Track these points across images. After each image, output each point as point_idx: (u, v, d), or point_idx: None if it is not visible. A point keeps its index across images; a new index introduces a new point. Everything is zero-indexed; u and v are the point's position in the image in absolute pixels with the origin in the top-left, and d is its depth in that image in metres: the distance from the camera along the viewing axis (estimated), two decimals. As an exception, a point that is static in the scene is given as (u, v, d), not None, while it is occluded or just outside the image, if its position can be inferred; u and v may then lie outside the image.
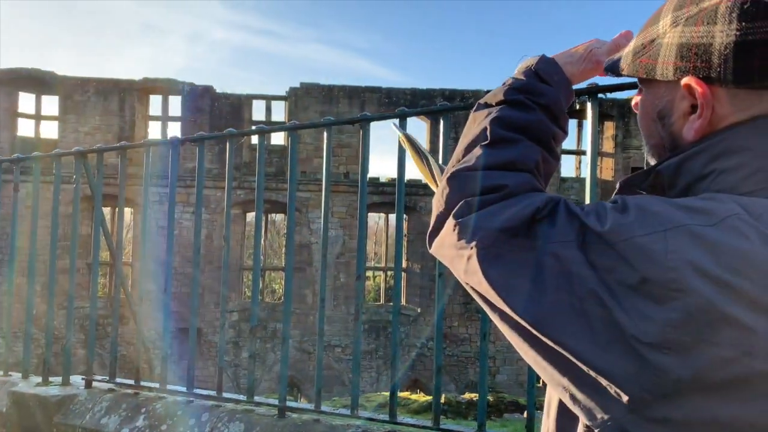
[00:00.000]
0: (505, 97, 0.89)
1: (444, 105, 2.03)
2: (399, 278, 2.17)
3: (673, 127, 0.76)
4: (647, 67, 0.76)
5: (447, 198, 0.80)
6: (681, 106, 0.74)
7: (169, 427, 2.37)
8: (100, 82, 16.31)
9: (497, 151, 0.81)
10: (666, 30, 0.73)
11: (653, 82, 0.78)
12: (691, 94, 0.72)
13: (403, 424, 2.10)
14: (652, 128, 0.81)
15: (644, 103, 0.81)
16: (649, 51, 0.76)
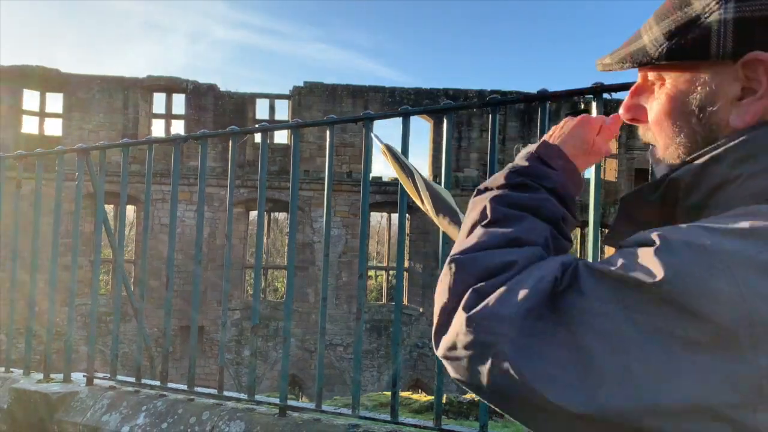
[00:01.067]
0: (507, 180, 0.81)
1: (448, 104, 2.02)
2: (401, 278, 2.16)
3: (715, 116, 0.69)
4: (696, 46, 0.67)
5: (451, 288, 0.70)
6: (730, 91, 0.67)
7: (170, 425, 2.36)
8: (104, 79, 16.33)
9: (500, 229, 0.73)
10: (711, 8, 0.66)
11: (687, 69, 0.70)
12: (748, 74, 0.66)
13: (405, 424, 2.09)
14: (681, 123, 0.72)
15: (671, 97, 0.72)
16: (692, 31, 0.67)
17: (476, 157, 16.78)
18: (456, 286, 0.69)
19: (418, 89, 17.09)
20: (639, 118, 0.79)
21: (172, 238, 2.63)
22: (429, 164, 17.32)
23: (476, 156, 16.78)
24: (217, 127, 16.42)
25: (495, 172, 1.98)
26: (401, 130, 2.07)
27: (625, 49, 0.75)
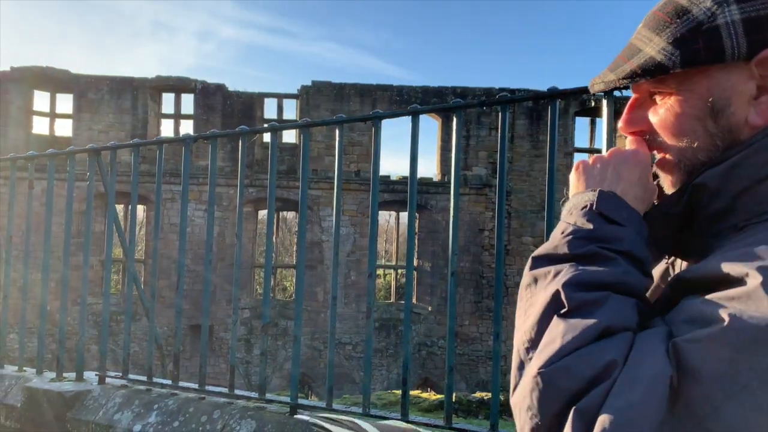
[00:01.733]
0: (572, 250, 0.69)
1: (457, 102, 2.01)
2: (410, 277, 2.16)
3: (733, 118, 0.68)
4: (710, 51, 0.67)
5: (542, 407, 0.59)
6: (746, 90, 0.68)
7: (181, 423, 2.38)
8: (113, 80, 16.42)
9: (583, 320, 0.62)
10: (713, 12, 0.67)
11: (697, 75, 0.69)
12: (761, 73, 0.67)
13: (416, 423, 2.09)
14: (696, 128, 0.71)
15: (681, 103, 0.71)
16: (700, 37, 0.67)
17: (485, 156, 16.73)
18: (549, 405, 0.58)
19: (426, 88, 17.06)
20: (643, 130, 0.78)
21: (182, 238, 2.64)
22: (438, 163, 17.29)
23: (485, 154, 16.73)
24: (225, 127, 16.48)
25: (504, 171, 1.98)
26: (410, 129, 2.06)
27: (630, 63, 0.74)
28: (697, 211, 0.71)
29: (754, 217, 0.66)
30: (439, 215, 16.38)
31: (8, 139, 15.86)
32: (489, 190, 16.64)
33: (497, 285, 1.97)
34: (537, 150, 16.66)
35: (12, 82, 16.01)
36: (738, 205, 0.67)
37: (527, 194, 16.62)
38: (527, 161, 16.62)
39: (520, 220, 16.47)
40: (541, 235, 16.52)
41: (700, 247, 0.71)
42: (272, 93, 17.49)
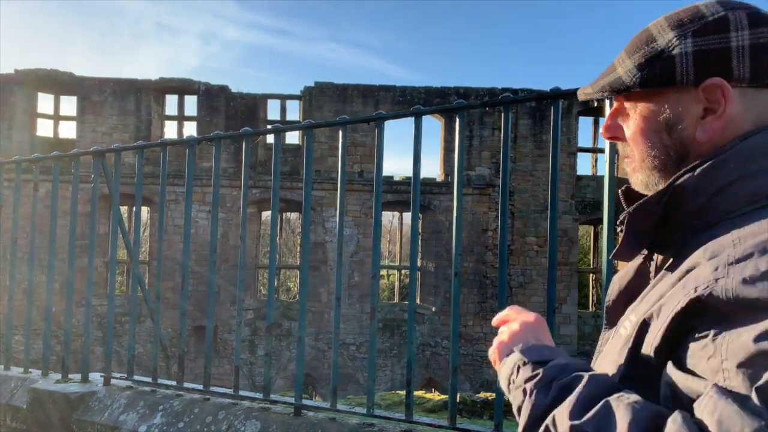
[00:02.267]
0: (547, 400, 0.77)
1: (460, 103, 2.01)
2: (414, 277, 2.16)
3: (684, 132, 0.81)
4: (663, 75, 0.81)
5: None
6: (694, 111, 0.80)
7: (186, 424, 2.39)
8: (117, 82, 16.47)
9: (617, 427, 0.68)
10: (673, 43, 0.80)
11: (656, 95, 0.83)
12: (709, 96, 0.79)
13: (420, 423, 2.09)
14: (654, 139, 0.84)
15: (644, 118, 0.85)
16: (659, 63, 0.81)
17: (488, 155, 16.72)
18: None
19: (429, 88, 17.06)
20: (618, 136, 0.92)
21: (186, 240, 2.65)
22: (441, 163, 17.29)
23: (488, 154, 16.72)
24: (228, 129, 16.51)
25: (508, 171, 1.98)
26: (413, 130, 2.07)
27: (603, 80, 0.87)
28: (674, 210, 0.80)
29: (725, 214, 0.76)
30: (442, 215, 16.38)
31: (12, 141, 15.93)
32: (492, 190, 16.62)
33: (501, 285, 1.97)
34: (540, 150, 16.63)
35: (16, 85, 16.07)
36: (712, 204, 0.78)
37: (530, 194, 16.59)
38: (530, 161, 16.60)
39: (523, 220, 16.45)
40: (544, 235, 16.50)
41: (676, 241, 0.82)
42: (275, 94, 17.52)
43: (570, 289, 16.56)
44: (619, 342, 0.84)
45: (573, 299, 16.69)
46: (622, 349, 0.81)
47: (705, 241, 0.75)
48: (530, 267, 16.48)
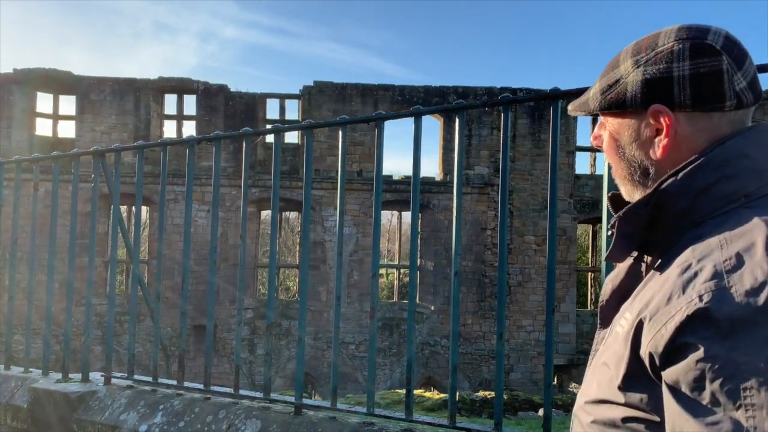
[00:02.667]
0: None
1: (459, 103, 2.02)
2: (414, 277, 2.17)
3: (641, 149, 0.92)
4: (618, 101, 0.92)
5: None
6: (646, 132, 0.90)
7: (187, 423, 2.39)
8: (116, 81, 16.46)
9: None
10: (629, 71, 0.90)
11: (618, 116, 0.93)
12: (655, 120, 0.88)
13: (419, 422, 2.10)
14: (619, 153, 0.95)
15: (611, 135, 0.96)
16: (616, 89, 0.91)
17: (487, 155, 16.72)
18: None
19: (428, 87, 17.06)
20: (600, 146, 1.01)
21: (187, 240, 2.66)
22: (440, 162, 17.29)
23: (487, 153, 16.72)
24: (227, 128, 16.50)
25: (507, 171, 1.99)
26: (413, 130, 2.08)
27: (578, 100, 1.00)
28: (661, 211, 0.86)
29: (709, 213, 0.83)
30: (441, 214, 16.38)
31: (12, 140, 15.92)
32: (491, 189, 16.63)
33: (500, 285, 1.98)
34: (539, 149, 16.65)
35: (15, 84, 16.06)
36: (695, 205, 0.84)
37: (529, 193, 16.61)
38: (529, 160, 16.61)
39: (522, 218, 16.46)
40: (542, 234, 16.51)
41: (663, 240, 0.88)
42: (274, 93, 17.51)
43: (568, 288, 16.58)
44: (616, 340, 0.86)
45: (572, 298, 16.70)
46: (622, 348, 0.83)
47: (691, 240, 0.82)
48: (529, 266, 16.50)
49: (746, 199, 0.83)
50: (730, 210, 0.82)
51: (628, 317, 0.85)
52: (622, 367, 0.83)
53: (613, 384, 0.85)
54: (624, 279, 0.96)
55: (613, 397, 0.85)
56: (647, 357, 0.78)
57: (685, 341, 0.72)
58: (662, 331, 0.75)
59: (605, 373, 0.88)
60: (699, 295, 0.73)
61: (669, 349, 0.74)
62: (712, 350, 0.69)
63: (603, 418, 0.87)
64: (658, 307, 0.78)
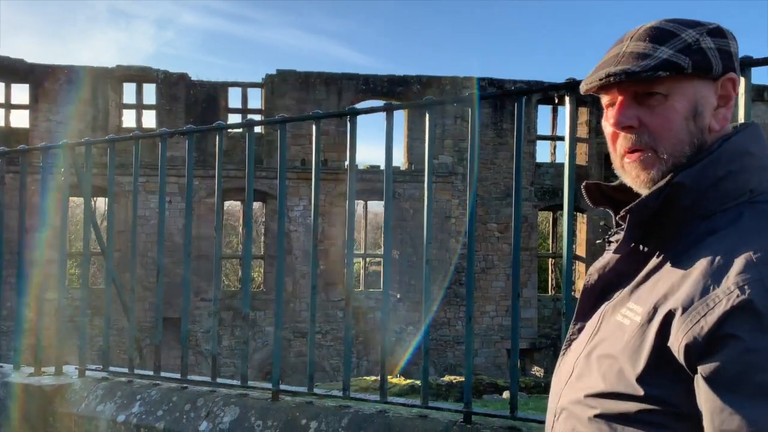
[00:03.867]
0: None
1: (429, 99, 2.11)
2: (388, 268, 2.26)
3: (703, 121, 0.89)
4: (705, 63, 0.87)
5: None
6: (712, 101, 0.89)
7: (165, 412, 2.44)
8: (71, 69, 15.97)
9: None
10: (698, 39, 0.87)
11: (686, 84, 0.87)
12: (725, 89, 0.89)
13: (394, 404, 2.20)
14: (683, 127, 0.88)
15: (677, 104, 0.87)
16: (697, 53, 0.86)
17: (450, 144, 16.93)
18: None
19: (392, 76, 17.12)
20: (633, 127, 0.90)
21: (161, 234, 2.69)
22: (405, 151, 17.42)
23: (450, 143, 16.93)
24: (189, 117, 16.24)
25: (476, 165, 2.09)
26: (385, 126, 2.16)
27: (644, 61, 0.87)
28: (670, 205, 0.86)
29: (716, 207, 0.85)
30: (406, 203, 16.54)
31: (-39, 131, 15.32)
32: (455, 178, 16.85)
33: (469, 270, 2.09)
34: (501, 138, 16.93)
35: (-37, 72, 15.43)
36: (705, 199, 0.85)
37: (492, 182, 16.90)
38: (492, 149, 16.88)
39: (485, 207, 16.75)
40: (505, 221, 16.86)
41: (668, 231, 0.88)
42: (236, 82, 17.29)
43: (530, 274, 17.00)
44: (623, 331, 0.85)
45: (533, 283, 17.13)
46: (638, 339, 0.82)
47: (706, 233, 0.84)
48: (492, 253, 16.83)
49: (751, 194, 0.85)
50: (738, 204, 0.84)
51: (638, 309, 0.85)
52: (642, 359, 0.81)
53: (625, 376, 0.82)
54: (612, 268, 0.96)
55: (628, 389, 0.82)
56: (682, 349, 0.76)
57: (726, 333, 0.72)
58: (701, 323, 0.74)
59: (612, 365, 0.85)
60: (739, 287, 0.73)
61: (709, 341, 0.73)
62: (757, 342, 0.70)
63: (612, 411, 0.84)
64: (691, 299, 0.77)
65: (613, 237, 0.98)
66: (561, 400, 0.95)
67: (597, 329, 0.93)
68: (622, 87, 0.90)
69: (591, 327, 0.96)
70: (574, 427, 0.90)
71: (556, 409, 0.96)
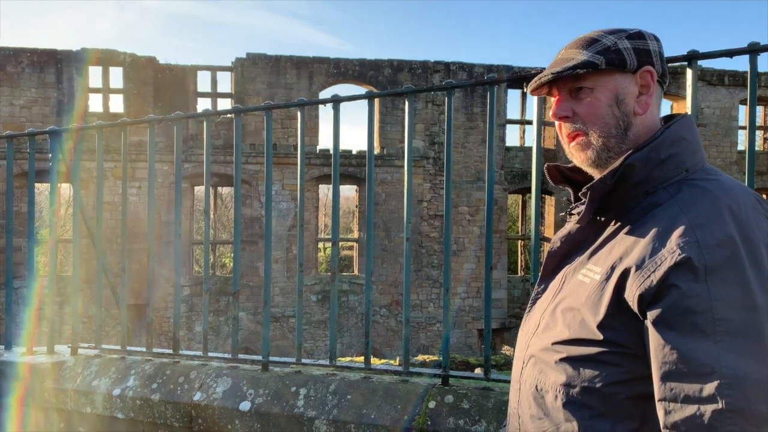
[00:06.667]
0: None
1: (408, 87, 2.26)
2: (371, 249, 2.42)
3: (628, 107, 1.07)
4: (620, 60, 1.06)
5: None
6: (634, 91, 1.08)
7: (160, 385, 2.57)
8: (34, 52, 15.59)
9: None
10: (616, 42, 1.08)
11: (608, 78, 1.07)
12: (643, 80, 1.07)
13: (377, 371, 2.38)
14: (608, 113, 1.07)
15: (601, 95, 1.08)
16: (612, 53, 1.06)
17: (422, 128, 17.10)
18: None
19: (363, 60, 17.15)
20: (568, 116, 1.12)
21: (151, 215, 2.79)
22: (377, 136, 17.52)
23: (422, 127, 17.10)
24: (157, 101, 16.04)
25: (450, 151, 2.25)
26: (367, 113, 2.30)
27: (568, 63, 1.09)
28: (623, 182, 1.03)
29: (659, 184, 1.02)
30: (378, 187, 16.69)
31: None
32: (426, 162, 17.06)
33: (446, 243, 2.26)
34: (471, 122, 17.17)
35: None
36: (650, 177, 1.02)
37: (462, 165, 17.16)
38: (462, 133, 17.12)
39: (456, 190, 17.01)
40: (476, 205, 17.17)
41: (622, 206, 1.05)
42: (205, 66, 17.10)
43: (500, 256, 17.38)
44: (584, 288, 1.02)
45: (503, 265, 17.54)
46: (597, 293, 0.99)
47: (650, 206, 1.01)
48: (462, 235, 17.15)
49: (687, 173, 1.03)
50: (676, 182, 1.01)
51: (597, 269, 1.01)
52: (601, 309, 0.96)
53: (587, 325, 0.98)
54: (574, 237, 1.13)
55: (589, 335, 0.97)
56: (635, 299, 0.92)
57: (670, 283, 0.88)
58: (651, 277, 0.90)
59: (575, 316, 1.01)
60: (680, 247, 0.89)
61: (656, 291, 0.89)
62: (693, 290, 0.86)
63: (576, 354, 0.99)
64: (643, 259, 0.93)
65: (574, 210, 1.16)
66: (529, 348, 1.11)
67: (560, 288, 1.10)
68: (559, 86, 1.12)
69: (554, 286, 1.12)
70: (542, 369, 1.05)
71: (525, 357, 1.12)
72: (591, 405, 0.97)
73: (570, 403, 0.99)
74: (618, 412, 0.96)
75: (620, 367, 0.95)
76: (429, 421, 2.06)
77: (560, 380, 1.01)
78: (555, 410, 1.02)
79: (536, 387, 1.06)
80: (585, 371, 0.98)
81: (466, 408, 2.07)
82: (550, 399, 1.03)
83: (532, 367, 1.09)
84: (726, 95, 18.17)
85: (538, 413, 1.06)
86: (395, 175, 16.79)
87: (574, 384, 0.99)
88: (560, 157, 17.14)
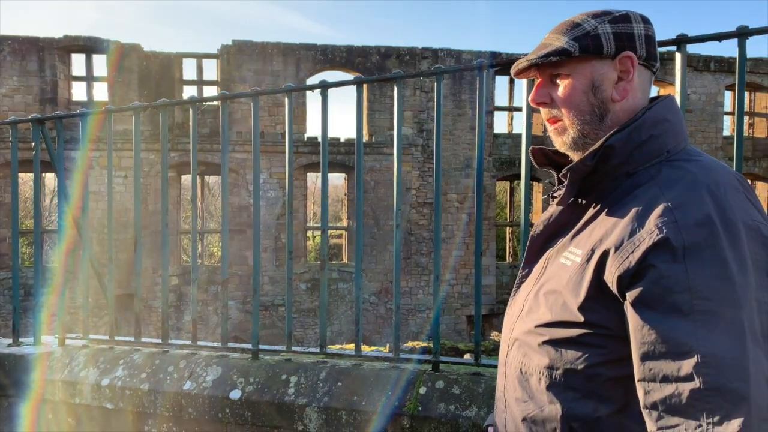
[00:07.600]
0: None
1: (397, 73, 2.24)
2: (361, 238, 2.41)
3: (604, 93, 1.05)
4: (596, 46, 1.04)
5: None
6: (612, 77, 1.05)
7: (149, 374, 2.56)
8: (15, 40, 15.29)
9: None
10: (596, 27, 1.05)
11: (585, 64, 1.05)
12: (623, 65, 1.04)
13: (368, 357, 2.38)
14: (583, 100, 1.06)
15: (576, 81, 1.06)
16: (589, 39, 1.04)
17: (410, 115, 17.04)
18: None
19: (350, 47, 17.02)
20: (546, 102, 1.12)
21: (137, 201, 2.76)
22: (365, 123, 17.42)
23: (410, 114, 17.03)
24: (142, 89, 15.85)
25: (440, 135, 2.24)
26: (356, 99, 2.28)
27: (544, 50, 1.07)
28: (603, 164, 1.02)
29: (640, 165, 1.01)
30: (367, 175, 16.64)
31: None
32: (414, 150, 17.02)
33: (437, 230, 2.26)
34: (459, 109, 17.14)
35: None
36: (631, 158, 1.01)
37: (451, 153, 17.15)
38: (451, 120, 17.09)
39: (445, 177, 17.01)
40: (464, 192, 17.19)
41: (603, 188, 1.04)
42: (191, 53, 16.89)
43: (488, 242, 17.44)
44: (566, 271, 1.02)
45: (491, 251, 17.60)
46: (579, 275, 0.98)
47: (630, 187, 1.00)
48: (451, 223, 17.18)
49: (668, 154, 1.01)
50: (657, 163, 1.00)
51: (578, 251, 1.01)
52: (582, 291, 0.96)
53: (568, 307, 0.98)
54: (556, 220, 1.12)
55: (571, 317, 0.97)
56: (615, 280, 0.91)
57: (648, 263, 0.87)
58: (630, 258, 0.90)
59: (557, 299, 1.01)
60: (658, 228, 0.88)
61: (635, 271, 0.89)
62: (671, 270, 0.86)
63: (558, 337, 0.99)
64: (622, 240, 0.92)
65: (556, 193, 1.15)
66: (514, 332, 1.11)
67: (543, 271, 1.10)
68: (540, 71, 1.11)
69: (538, 270, 1.12)
70: (526, 352, 1.06)
71: (509, 340, 1.13)
72: (574, 387, 0.98)
73: (553, 386, 1.00)
74: (601, 393, 0.96)
75: (602, 348, 0.95)
76: (420, 407, 2.07)
77: (543, 363, 1.01)
78: (539, 393, 1.03)
79: (521, 370, 1.07)
80: (567, 353, 0.98)
81: (457, 393, 2.08)
82: (534, 382, 1.04)
83: (516, 350, 1.09)
84: (712, 81, 18.27)
85: (523, 396, 1.06)
86: (384, 162, 16.74)
87: (556, 366, 0.99)
88: (548, 144, 17.14)
